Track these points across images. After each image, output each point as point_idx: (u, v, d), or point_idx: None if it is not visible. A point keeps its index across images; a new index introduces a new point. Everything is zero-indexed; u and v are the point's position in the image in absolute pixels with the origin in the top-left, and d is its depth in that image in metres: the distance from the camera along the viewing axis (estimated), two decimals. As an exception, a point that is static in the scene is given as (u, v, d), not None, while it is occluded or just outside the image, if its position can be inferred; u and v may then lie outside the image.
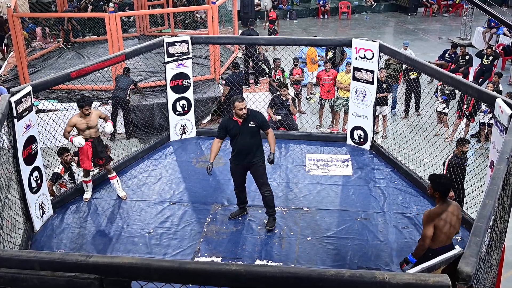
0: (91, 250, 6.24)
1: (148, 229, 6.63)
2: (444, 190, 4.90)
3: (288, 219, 6.76)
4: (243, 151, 6.34)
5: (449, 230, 4.93)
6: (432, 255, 4.75)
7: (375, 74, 8.09)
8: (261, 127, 6.34)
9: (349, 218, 6.74)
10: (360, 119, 8.52)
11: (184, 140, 9.10)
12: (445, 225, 4.88)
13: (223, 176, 7.84)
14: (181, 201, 7.24)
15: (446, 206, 4.92)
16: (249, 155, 6.34)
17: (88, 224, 6.76)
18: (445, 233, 4.91)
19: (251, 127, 6.29)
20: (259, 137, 6.38)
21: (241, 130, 6.30)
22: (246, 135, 6.29)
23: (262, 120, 6.36)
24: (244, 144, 6.32)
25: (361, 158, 8.36)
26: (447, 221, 4.89)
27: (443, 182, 4.92)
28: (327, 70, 11.70)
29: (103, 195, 7.43)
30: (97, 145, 7.08)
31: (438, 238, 4.92)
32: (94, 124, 6.99)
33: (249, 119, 6.28)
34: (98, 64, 7.30)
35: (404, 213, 6.88)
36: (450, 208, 4.94)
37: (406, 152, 8.29)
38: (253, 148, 6.32)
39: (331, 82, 11.60)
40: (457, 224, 4.97)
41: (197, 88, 11.75)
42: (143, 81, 12.36)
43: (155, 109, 11.61)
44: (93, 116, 6.98)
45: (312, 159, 8.32)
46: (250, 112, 6.31)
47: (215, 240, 6.37)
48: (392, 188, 7.49)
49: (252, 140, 6.31)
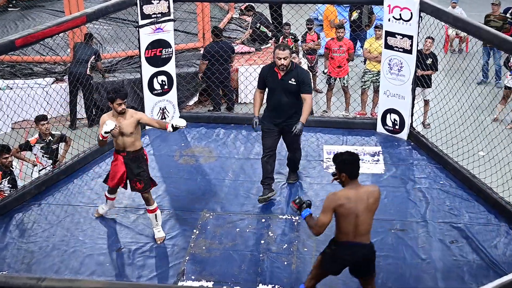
0: (43, 271, 6.23)
1: (118, 244, 6.62)
2: (350, 169, 5.07)
3: (300, 230, 6.76)
4: (277, 109, 7.00)
5: (355, 222, 5.04)
6: (334, 247, 5.23)
7: (415, 40, 8.05)
8: (300, 88, 6.87)
9: (381, 230, 6.73)
10: (395, 99, 8.49)
11: (164, 127, 9.10)
12: (349, 215, 5.02)
13: (215, 174, 7.83)
14: (160, 207, 7.20)
15: (355, 190, 5.06)
16: (283, 116, 6.95)
17: (38, 238, 6.75)
18: (352, 225, 5.05)
19: (291, 84, 6.90)
20: (298, 99, 6.96)
21: (278, 84, 6.95)
22: (282, 92, 6.95)
23: (304, 80, 6.94)
24: (279, 102, 6.99)
25: (396, 150, 8.35)
26: (353, 211, 5.01)
27: (345, 158, 5.10)
28: (339, 39, 11.55)
29: (58, 200, 7.43)
30: (133, 162, 6.51)
31: (342, 229, 5.12)
32: (129, 131, 6.38)
33: (290, 75, 6.88)
34: (51, 28, 7.27)
35: (452, 222, 6.87)
36: (360, 193, 5.05)
37: (455, 143, 8.28)
38: (288, 109, 6.97)
39: (343, 55, 11.52)
40: (368, 216, 5.09)
41: (180, 59, 11.71)
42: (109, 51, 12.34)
43: (125, 88, 11.59)
44: (129, 119, 6.41)
45: (331, 152, 8.30)
46: (294, 67, 6.95)
47: (205, 258, 6.36)
48: (437, 190, 7.47)
49: (289, 100, 6.96)
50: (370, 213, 5.14)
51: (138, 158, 6.55)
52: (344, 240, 5.16)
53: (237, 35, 13.63)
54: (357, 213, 5.04)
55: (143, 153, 6.63)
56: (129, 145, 6.46)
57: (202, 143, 8.72)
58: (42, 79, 11.27)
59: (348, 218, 5.04)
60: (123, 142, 6.46)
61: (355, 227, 5.08)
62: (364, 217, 5.08)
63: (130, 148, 6.48)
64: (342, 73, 11.64)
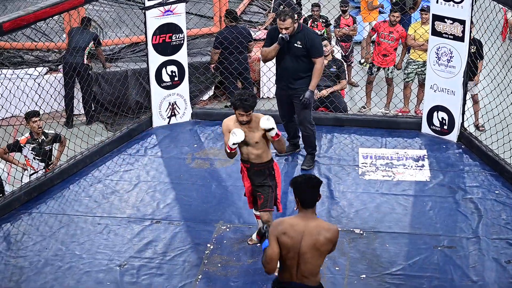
0: (34, 290, 6.30)
1: (120, 260, 6.66)
2: (303, 196, 4.84)
3: (331, 246, 6.77)
4: (284, 74, 7.71)
5: (298, 259, 4.81)
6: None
7: (467, 25, 8.04)
8: (309, 52, 7.45)
9: (425, 247, 6.73)
10: (443, 95, 8.49)
11: (173, 126, 9.18)
12: (291, 248, 4.78)
13: (232, 180, 7.87)
14: (169, 218, 7.29)
15: (305, 221, 4.83)
16: (289, 81, 7.59)
17: (29, 252, 6.80)
18: (295, 261, 4.82)
19: (297, 48, 7.49)
20: (306, 63, 7.60)
21: (284, 47, 7.51)
22: (288, 56, 7.58)
23: (313, 44, 7.52)
24: (285, 66, 7.66)
25: (445, 155, 8.35)
26: (296, 243, 4.77)
27: (298, 182, 4.89)
28: (392, 24, 11.54)
29: (52, 208, 7.51)
30: (257, 176, 6.40)
31: (284, 265, 4.88)
32: (255, 140, 6.26)
33: (297, 37, 7.47)
34: (44, 10, 7.33)
35: (509, 239, 6.84)
36: (310, 226, 4.80)
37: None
38: (294, 74, 7.61)
39: (392, 43, 11.49)
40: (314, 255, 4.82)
41: (193, 47, 11.75)
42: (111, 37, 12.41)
43: (129, 79, 11.66)
44: (256, 126, 6.24)
45: (368, 156, 8.32)
46: (301, 30, 7.55)
47: (221, 277, 6.39)
48: (492, 201, 7.46)
49: (295, 64, 7.60)
50: (317, 253, 4.83)
51: (264, 172, 6.41)
52: (286, 279, 4.94)
53: (259, 18, 13.63)
54: (300, 247, 4.81)
55: (272, 166, 6.47)
56: (254, 157, 6.36)
57: (217, 144, 8.75)
58: (34, 69, 11.35)
59: (290, 252, 4.82)
60: (247, 153, 6.37)
61: (298, 264, 4.86)
62: (309, 255, 4.82)
63: (255, 160, 6.37)
64: (389, 63, 11.59)
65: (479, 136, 8.73)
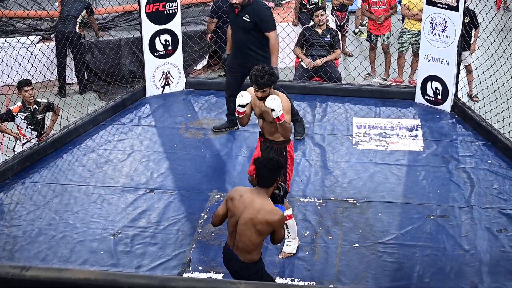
0: (28, 259, 6.31)
1: (114, 229, 6.69)
2: (258, 175, 5.11)
3: (324, 216, 6.81)
4: (236, 48, 7.67)
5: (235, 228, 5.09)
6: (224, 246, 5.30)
7: (462, -6, 8.03)
8: (259, 26, 7.36)
9: (418, 216, 6.77)
10: (437, 64, 8.49)
11: (167, 95, 9.18)
12: (232, 215, 5.11)
13: (226, 149, 7.89)
14: (162, 187, 7.31)
15: (253, 196, 5.07)
16: (242, 55, 7.50)
17: (22, 222, 6.83)
18: (232, 228, 5.12)
19: (244, 21, 7.40)
20: (256, 37, 7.49)
21: (234, 20, 7.59)
22: (238, 29, 7.57)
23: (261, 18, 7.41)
24: (237, 40, 7.66)
25: (438, 124, 8.37)
26: (237, 212, 5.05)
27: (259, 161, 5.15)
28: None
29: (45, 178, 7.52)
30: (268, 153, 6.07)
31: (228, 229, 5.23)
32: (269, 120, 5.94)
33: (245, 11, 7.36)
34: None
35: (501, 208, 6.88)
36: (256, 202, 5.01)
37: (506, 116, 8.24)
38: (245, 48, 7.54)
39: (383, 7, 11.45)
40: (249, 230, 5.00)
41: (187, 16, 11.70)
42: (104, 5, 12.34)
43: (123, 48, 11.61)
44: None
45: (362, 126, 8.34)
46: (251, 2, 7.40)
47: (214, 246, 6.42)
48: (484, 170, 7.49)
49: (245, 37, 7.53)
50: (253, 229, 4.98)
51: (275, 150, 6.11)
52: (229, 244, 5.22)
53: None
54: (240, 217, 5.04)
55: (286, 147, 6.14)
56: (268, 133, 6.12)
57: (211, 114, 8.76)
58: (26, 37, 11.32)
59: (232, 219, 5.12)
60: (263, 127, 6.15)
61: (236, 233, 5.09)
62: (245, 227, 5.00)
63: (269, 136, 6.13)
64: (383, 30, 11.56)
65: (472, 106, 8.73)
